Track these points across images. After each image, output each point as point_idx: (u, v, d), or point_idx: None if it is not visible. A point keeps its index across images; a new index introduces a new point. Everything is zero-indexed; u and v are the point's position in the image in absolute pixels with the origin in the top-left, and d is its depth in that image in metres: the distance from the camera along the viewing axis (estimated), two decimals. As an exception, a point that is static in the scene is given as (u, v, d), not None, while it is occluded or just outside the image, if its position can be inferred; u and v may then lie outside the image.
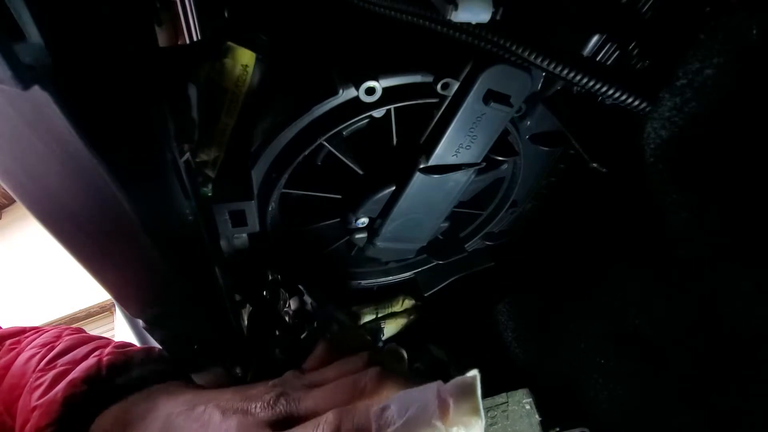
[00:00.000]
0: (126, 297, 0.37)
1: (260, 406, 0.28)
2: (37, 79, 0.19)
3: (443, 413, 0.21)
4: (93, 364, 0.33)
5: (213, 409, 0.28)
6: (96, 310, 3.00)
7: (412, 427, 0.21)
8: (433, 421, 0.21)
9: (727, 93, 0.30)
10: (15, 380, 0.34)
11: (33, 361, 0.34)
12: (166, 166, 0.28)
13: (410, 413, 0.21)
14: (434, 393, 0.22)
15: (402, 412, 0.22)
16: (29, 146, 0.23)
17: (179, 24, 0.45)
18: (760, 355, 0.37)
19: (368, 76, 0.37)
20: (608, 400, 0.52)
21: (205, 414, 0.28)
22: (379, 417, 0.22)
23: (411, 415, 0.21)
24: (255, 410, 0.27)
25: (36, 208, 0.27)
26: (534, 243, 0.66)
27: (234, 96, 0.33)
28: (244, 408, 0.28)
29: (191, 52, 0.31)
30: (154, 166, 0.28)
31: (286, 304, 0.57)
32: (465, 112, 0.40)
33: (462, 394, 0.21)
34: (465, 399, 0.21)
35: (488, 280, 0.68)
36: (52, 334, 0.38)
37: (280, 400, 0.28)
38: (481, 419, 0.21)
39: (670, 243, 0.41)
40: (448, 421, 0.21)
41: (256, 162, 0.41)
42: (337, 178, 0.46)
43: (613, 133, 0.41)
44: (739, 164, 0.32)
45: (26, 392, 0.32)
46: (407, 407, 0.22)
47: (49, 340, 0.37)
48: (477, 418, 0.21)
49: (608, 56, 0.35)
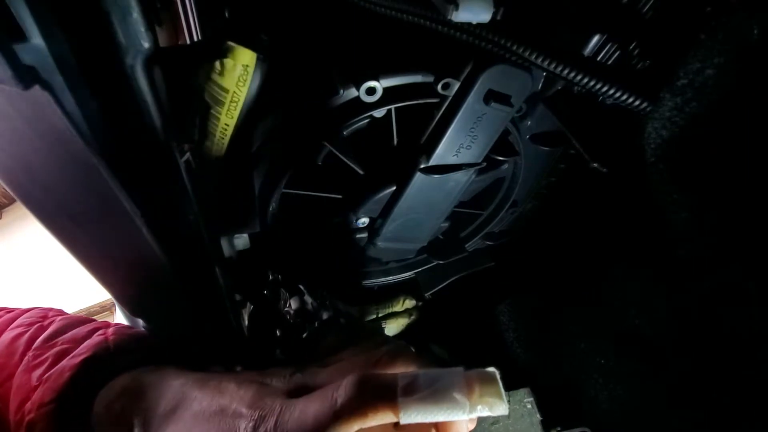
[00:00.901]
0: (126, 296, 0.37)
1: (276, 379, 0.28)
2: (38, 79, 0.19)
3: (469, 392, 0.22)
4: (100, 342, 0.32)
5: (229, 380, 0.28)
6: (96, 309, 3.01)
7: (439, 398, 0.22)
8: (459, 397, 0.21)
9: (727, 93, 0.30)
10: (2, 360, 0.33)
11: (22, 340, 0.34)
12: (166, 166, 0.28)
13: (437, 386, 0.22)
14: (460, 374, 0.23)
15: (428, 384, 0.22)
16: (30, 146, 0.23)
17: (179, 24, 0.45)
18: (760, 355, 0.37)
19: (369, 76, 0.37)
20: (608, 400, 0.52)
21: (221, 384, 0.27)
22: (405, 381, 0.23)
23: (438, 387, 0.22)
24: (271, 382, 0.27)
25: (36, 207, 0.27)
26: (534, 243, 0.66)
27: (235, 96, 0.33)
28: (260, 380, 0.28)
29: (191, 52, 0.31)
30: (154, 166, 0.28)
31: (286, 304, 0.57)
32: (465, 112, 0.40)
33: (487, 379, 0.22)
34: (490, 384, 0.22)
35: (489, 280, 0.68)
36: (36, 314, 0.37)
37: (296, 374, 0.28)
38: (504, 403, 0.22)
39: (670, 243, 0.41)
40: (474, 399, 0.22)
41: (256, 162, 0.41)
42: (337, 178, 0.46)
43: (614, 133, 0.41)
44: (740, 164, 0.32)
45: (22, 371, 0.32)
46: (433, 381, 0.22)
47: (35, 320, 0.36)
48: (501, 401, 0.22)
49: (609, 56, 0.35)
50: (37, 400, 0.29)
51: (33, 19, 0.18)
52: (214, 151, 0.36)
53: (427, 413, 0.22)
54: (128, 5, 0.21)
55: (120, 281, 0.35)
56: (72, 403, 0.29)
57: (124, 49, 0.22)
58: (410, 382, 0.23)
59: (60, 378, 0.30)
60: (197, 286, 0.37)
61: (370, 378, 0.24)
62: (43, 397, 0.29)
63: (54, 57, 0.19)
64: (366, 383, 0.23)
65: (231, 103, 0.33)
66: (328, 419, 0.23)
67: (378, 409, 0.22)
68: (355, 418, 0.23)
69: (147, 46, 0.22)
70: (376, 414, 0.23)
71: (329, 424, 0.23)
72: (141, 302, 0.37)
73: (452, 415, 0.21)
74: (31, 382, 0.30)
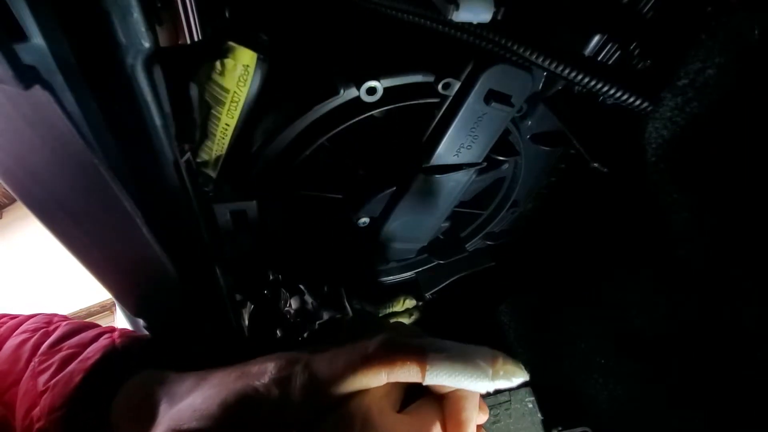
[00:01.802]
0: (126, 296, 0.37)
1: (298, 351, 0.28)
2: (38, 78, 0.19)
3: (493, 361, 0.24)
4: (107, 345, 0.32)
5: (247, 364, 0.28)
6: (96, 309, 3.00)
7: (465, 361, 0.24)
8: (483, 364, 0.24)
9: (728, 93, 0.30)
10: (7, 366, 0.32)
11: (27, 346, 0.33)
12: (166, 165, 0.28)
13: (464, 351, 0.24)
14: (486, 348, 0.25)
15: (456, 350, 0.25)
16: (30, 145, 0.23)
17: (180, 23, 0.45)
18: (760, 355, 0.37)
19: (369, 75, 0.37)
20: (609, 400, 0.52)
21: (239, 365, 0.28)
22: (434, 346, 0.25)
23: (464, 351, 0.24)
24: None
25: (37, 207, 0.27)
26: (535, 243, 0.66)
27: (235, 96, 0.33)
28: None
29: (192, 51, 0.31)
30: (155, 166, 0.28)
31: (286, 304, 0.57)
32: (466, 111, 0.40)
33: (507, 357, 0.25)
34: (510, 360, 0.25)
35: (489, 280, 0.68)
36: (40, 319, 0.37)
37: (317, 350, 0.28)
38: (525, 375, 0.24)
39: (670, 243, 0.41)
40: (497, 366, 0.24)
41: (257, 162, 0.41)
42: (338, 178, 0.46)
43: (614, 133, 0.41)
44: (740, 164, 0.32)
45: (27, 377, 0.31)
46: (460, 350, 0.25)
47: (40, 325, 0.35)
48: (521, 371, 0.24)
49: (609, 56, 0.35)
50: (46, 406, 0.29)
51: (33, 18, 0.18)
52: (215, 151, 0.36)
53: (452, 374, 0.23)
54: (128, 5, 0.21)
55: (120, 281, 0.35)
56: (83, 407, 0.29)
57: (125, 48, 0.22)
58: (440, 347, 0.24)
59: (70, 383, 0.29)
60: (197, 286, 0.36)
61: (401, 337, 0.25)
62: (53, 403, 0.29)
63: (54, 57, 0.19)
64: (396, 340, 0.25)
65: (231, 103, 0.33)
66: (357, 364, 0.24)
67: (407, 361, 0.24)
68: (384, 365, 0.24)
69: (147, 45, 0.22)
70: (404, 365, 0.24)
71: (359, 368, 0.24)
72: (141, 302, 0.37)
73: (475, 380, 0.23)
74: (38, 388, 0.30)
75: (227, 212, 0.39)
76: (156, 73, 0.25)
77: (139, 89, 0.24)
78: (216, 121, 0.34)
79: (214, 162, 0.37)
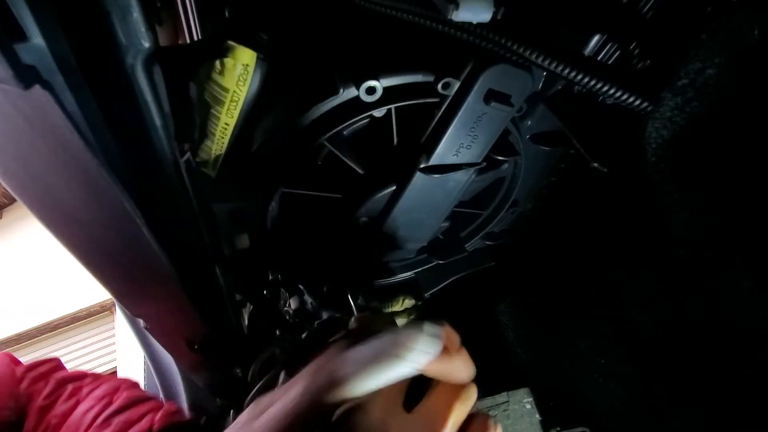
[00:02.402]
0: (126, 296, 0.37)
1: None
2: (38, 78, 0.19)
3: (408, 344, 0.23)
4: (145, 428, 0.38)
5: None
6: (97, 309, 3.00)
7: (378, 364, 0.23)
8: (398, 353, 0.23)
9: (728, 93, 0.30)
10: (71, 431, 0.39)
11: (89, 415, 0.39)
12: (166, 165, 0.28)
13: (378, 351, 0.23)
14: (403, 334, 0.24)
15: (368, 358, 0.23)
16: (30, 145, 0.23)
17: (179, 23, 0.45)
18: (760, 355, 0.37)
19: (369, 75, 0.37)
20: (608, 400, 0.52)
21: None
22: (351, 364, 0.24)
23: (377, 352, 0.23)
24: None
25: (37, 207, 0.27)
26: (535, 243, 0.66)
27: (235, 95, 0.33)
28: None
29: (192, 51, 0.31)
30: (155, 166, 0.28)
31: (286, 304, 0.57)
32: (466, 111, 0.40)
33: (420, 329, 0.24)
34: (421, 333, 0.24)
35: (489, 280, 0.68)
36: (111, 386, 0.43)
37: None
38: (435, 343, 0.23)
39: (670, 243, 0.41)
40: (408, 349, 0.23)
41: (256, 162, 0.41)
42: (337, 178, 0.46)
43: (614, 133, 0.41)
44: (740, 164, 0.32)
45: None
46: (375, 353, 0.24)
47: (106, 393, 0.42)
48: (431, 341, 0.23)
49: (609, 56, 0.35)
50: None
51: (33, 18, 0.18)
52: (215, 151, 0.36)
53: (376, 380, 0.22)
54: (128, 5, 0.21)
55: (120, 281, 0.35)
56: None
57: (125, 48, 0.22)
58: (355, 358, 0.24)
59: None
60: (197, 286, 0.36)
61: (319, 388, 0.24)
62: None
63: (54, 57, 0.19)
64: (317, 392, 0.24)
65: (231, 103, 0.33)
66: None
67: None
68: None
69: (147, 45, 0.22)
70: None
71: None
72: (141, 302, 0.37)
73: (397, 372, 0.22)
74: None
75: (227, 212, 0.39)
76: (156, 72, 0.25)
77: (139, 89, 0.24)
78: (215, 120, 0.34)
79: (213, 161, 0.37)
